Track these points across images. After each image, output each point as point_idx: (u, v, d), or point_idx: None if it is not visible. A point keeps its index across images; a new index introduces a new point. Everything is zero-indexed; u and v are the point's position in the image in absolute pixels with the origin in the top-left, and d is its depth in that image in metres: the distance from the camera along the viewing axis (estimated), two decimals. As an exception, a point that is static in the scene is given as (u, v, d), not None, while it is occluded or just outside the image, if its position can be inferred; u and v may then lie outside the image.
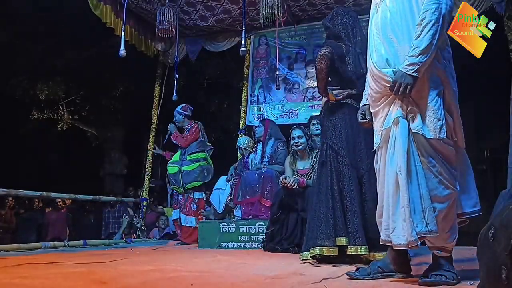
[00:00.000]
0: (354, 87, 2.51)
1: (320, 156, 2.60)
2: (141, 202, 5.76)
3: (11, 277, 1.76)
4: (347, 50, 2.54)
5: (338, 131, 2.49)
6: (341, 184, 2.40)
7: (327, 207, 2.36)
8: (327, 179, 2.43)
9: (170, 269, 2.11)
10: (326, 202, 2.38)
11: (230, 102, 8.70)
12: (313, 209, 2.48)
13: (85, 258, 2.62)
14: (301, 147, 3.50)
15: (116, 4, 4.83)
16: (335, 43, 2.54)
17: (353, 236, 2.27)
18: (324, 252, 2.30)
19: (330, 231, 2.31)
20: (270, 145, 4.45)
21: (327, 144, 2.51)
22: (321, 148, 2.60)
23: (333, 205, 2.36)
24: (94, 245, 4.42)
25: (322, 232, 2.33)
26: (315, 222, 2.41)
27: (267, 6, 4.35)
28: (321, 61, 2.43)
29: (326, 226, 2.33)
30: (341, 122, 2.50)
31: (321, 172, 2.52)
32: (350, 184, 2.38)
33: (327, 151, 2.49)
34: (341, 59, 2.50)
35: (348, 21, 2.65)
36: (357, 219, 2.30)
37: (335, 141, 2.48)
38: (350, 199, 2.35)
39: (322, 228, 2.34)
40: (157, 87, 6.03)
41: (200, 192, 4.64)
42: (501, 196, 2.78)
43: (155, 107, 5.97)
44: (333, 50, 2.45)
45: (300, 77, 5.52)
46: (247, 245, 3.77)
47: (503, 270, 0.93)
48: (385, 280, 1.75)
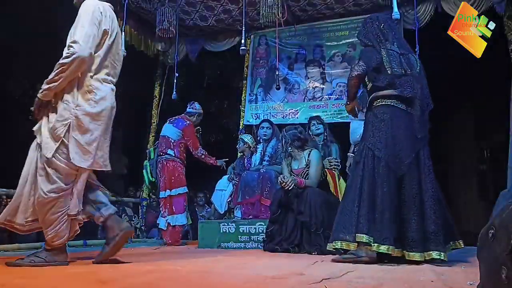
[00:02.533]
0: (395, 87, 2.52)
1: (356, 155, 2.68)
2: (141, 202, 5.76)
3: (11, 277, 1.76)
4: (386, 53, 2.56)
5: (376, 132, 2.50)
6: (374, 185, 2.40)
7: (353, 204, 2.40)
8: (357, 178, 2.47)
9: (170, 269, 2.11)
10: (353, 200, 2.42)
11: (230, 102, 8.70)
12: (342, 204, 2.54)
13: (85, 258, 2.62)
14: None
15: (116, 4, 4.83)
16: (370, 54, 2.59)
17: (380, 236, 2.28)
18: (344, 246, 2.37)
19: (351, 227, 2.36)
20: (271, 145, 4.46)
21: (365, 145, 2.53)
22: (359, 148, 2.63)
23: (359, 203, 2.38)
24: (94, 245, 4.42)
25: (345, 227, 2.40)
26: (341, 217, 2.47)
27: (267, 6, 4.35)
28: (352, 80, 2.60)
29: (349, 222, 2.38)
30: (380, 123, 2.51)
31: (354, 171, 2.57)
32: (384, 185, 2.37)
33: (364, 152, 2.52)
34: (378, 70, 2.55)
35: (378, 26, 2.68)
36: (386, 219, 2.30)
37: (372, 142, 2.49)
38: (381, 199, 2.35)
39: (345, 223, 2.41)
40: (157, 87, 6.03)
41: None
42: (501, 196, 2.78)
43: (155, 107, 5.98)
44: (365, 68, 2.55)
45: (300, 77, 5.52)
46: (247, 245, 3.78)
47: (503, 270, 0.93)
48: (387, 280, 1.74)
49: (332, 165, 4.10)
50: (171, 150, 4.60)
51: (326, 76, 5.40)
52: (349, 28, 5.38)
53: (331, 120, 5.06)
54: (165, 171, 4.57)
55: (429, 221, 2.32)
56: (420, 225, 2.32)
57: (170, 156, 4.58)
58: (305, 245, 3.26)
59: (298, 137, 3.63)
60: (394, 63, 2.54)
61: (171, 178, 4.54)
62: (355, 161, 2.63)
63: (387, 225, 2.29)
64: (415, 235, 2.29)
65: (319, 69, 5.45)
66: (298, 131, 3.67)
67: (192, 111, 4.81)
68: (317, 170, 3.54)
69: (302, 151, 3.63)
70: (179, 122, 4.69)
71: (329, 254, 2.96)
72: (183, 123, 4.67)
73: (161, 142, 4.74)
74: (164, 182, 4.54)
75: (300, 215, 3.30)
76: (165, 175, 4.55)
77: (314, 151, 3.64)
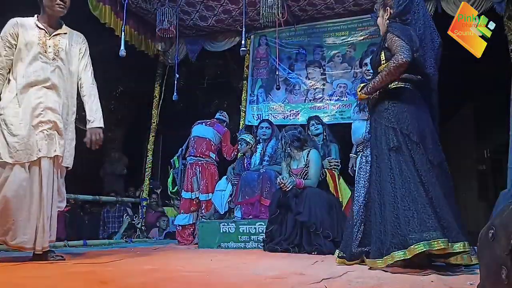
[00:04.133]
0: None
1: (388, 142, 2.14)
2: (141, 202, 5.76)
3: (11, 277, 1.76)
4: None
5: (403, 115, 2.14)
6: (422, 175, 2.03)
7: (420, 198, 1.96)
8: (409, 165, 2.04)
9: (170, 269, 2.11)
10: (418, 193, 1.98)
11: (230, 102, 8.68)
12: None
13: (85, 258, 2.62)
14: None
15: (116, 4, 4.83)
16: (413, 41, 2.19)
17: (449, 232, 1.90)
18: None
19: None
20: (271, 145, 4.46)
21: (393, 128, 2.14)
22: (386, 134, 2.16)
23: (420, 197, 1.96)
24: (94, 245, 4.42)
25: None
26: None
27: (267, 6, 4.35)
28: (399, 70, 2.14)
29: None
30: (406, 106, 2.16)
31: (397, 159, 2.08)
32: (431, 175, 2.03)
33: (398, 137, 2.11)
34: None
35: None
36: (447, 213, 1.95)
37: (402, 125, 2.11)
38: (434, 192, 1.99)
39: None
40: (157, 87, 6.03)
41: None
42: (501, 196, 2.78)
43: (155, 107, 5.97)
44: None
45: (301, 78, 5.52)
46: (247, 245, 3.77)
47: (503, 270, 0.93)
48: (386, 280, 1.74)
49: (332, 165, 4.10)
50: (213, 153, 4.83)
51: (327, 77, 5.41)
52: (349, 28, 5.38)
53: (332, 121, 5.06)
54: (206, 174, 4.74)
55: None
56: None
57: (211, 160, 4.81)
58: (305, 245, 3.26)
59: (298, 137, 3.63)
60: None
61: (213, 182, 4.72)
62: (390, 147, 2.14)
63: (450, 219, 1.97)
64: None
65: (320, 69, 5.45)
66: (297, 131, 3.68)
67: (223, 119, 5.11)
68: (317, 170, 3.54)
69: (301, 151, 3.63)
70: (219, 127, 4.93)
71: (329, 254, 2.97)
72: (223, 129, 4.95)
73: (199, 144, 4.83)
74: (206, 186, 4.70)
75: (299, 215, 3.30)
76: (206, 178, 4.72)
77: (313, 151, 3.64)
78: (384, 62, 2.24)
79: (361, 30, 5.31)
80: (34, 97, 2.46)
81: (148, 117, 6.12)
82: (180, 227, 4.75)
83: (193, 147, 4.84)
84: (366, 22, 5.26)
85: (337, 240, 3.02)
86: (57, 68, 2.57)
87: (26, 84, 2.47)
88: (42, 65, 2.52)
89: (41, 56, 2.53)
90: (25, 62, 2.50)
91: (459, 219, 2.06)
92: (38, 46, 2.53)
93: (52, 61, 2.56)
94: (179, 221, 4.76)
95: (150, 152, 5.86)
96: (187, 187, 4.77)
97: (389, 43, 2.19)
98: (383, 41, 2.26)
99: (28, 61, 2.50)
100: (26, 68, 2.49)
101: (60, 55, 2.60)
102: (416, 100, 2.21)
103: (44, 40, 2.57)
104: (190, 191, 4.74)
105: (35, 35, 2.55)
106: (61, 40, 2.65)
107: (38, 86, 2.49)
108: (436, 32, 2.30)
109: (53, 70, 2.55)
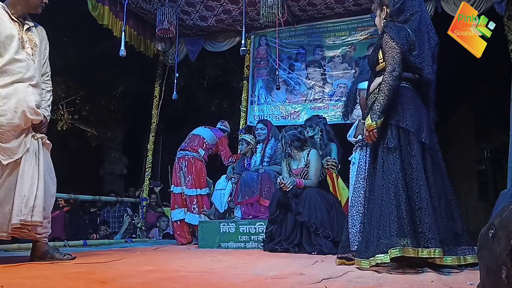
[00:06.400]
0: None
1: (386, 142, 2.14)
2: (141, 202, 5.76)
3: (11, 277, 1.76)
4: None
5: (403, 112, 2.13)
6: (413, 179, 2.04)
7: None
8: (399, 167, 2.06)
9: (170, 269, 2.11)
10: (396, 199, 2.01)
11: (230, 102, 8.70)
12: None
13: (85, 258, 2.62)
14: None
15: (115, 4, 4.84)
16: (409, 41, 2.19)
17: (424, 237, 1.95)
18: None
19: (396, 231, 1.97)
20: (270, 146, 4.46)
21: (392, 125, 2.14)
22: (385, 132, 2.16)
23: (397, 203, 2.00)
24: (94, 245, 4.42)
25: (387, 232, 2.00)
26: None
27: (267, 6, 4.35)
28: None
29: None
30: (404, 104, 2.15)
31: (390, 161, 2.09)
32: (419, 177, 2.03)
33: (397, 135, 2.11)
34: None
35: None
36: (429, 218, 1.96)
37: (398, 119, 2.12)
38: (419, 195, 2.01)
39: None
40: (157, 87, 6.03)
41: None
42: (501, 196, 2.78)
43: (155, 107, 5.97)
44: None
45: (301, 78, 5.52)
46: (247, 245, 3.77)
47: (503, 270, 0.93)
48: (386, 280, 1.75)
49: (329, 165, 4.08)
50: (202, 150, 4.81)
51: (327, 77, 5.41)
52: (349, 28, 5.38)
53: (333, 122, 5.04)
54: (192, 169, 4.72)
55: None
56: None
57: (198, 156, 4.78)
58: (305, 245, 3.25)
59: (298, 137, 3.63)
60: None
61: (200, 178, 4.73)
62: (387, 147, 2.15)
63: (431, 224, 2.00)
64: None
65: (320, 70, 5.45)
66: (297, 131, 3.68)
67: (224, 128, 5.13)
68: (316, 170, 3.54)
69: (301, 151, 3.64)
70: (217, 131, 5.00)
71: (329, 254, 2.97)
72: (221, 133, 4.99)
73: (192, 139, 4.88)
74: (193, 181, 4.70)
75: (299, 215, 3.30)
76: (193, 174, 4.71)
77: (313, 151, 3.64)
78: (381, 61, 2.23)
79: (361, 30, 5.31)
80: (21, 95, 2.32)
81: (148, 117, 6.13)
82: (179, 222, 4.68)
83: (186, 142, 4.90)
84: (366, 22, 5.26)
85: (337, 240, 3.02)
86: (37, 64, 2.46)
87: (10, 82, 2.31)
88: (26, 61, 2.37)
89: (21, 51, 2.37)
90: (6, 57, 2.32)
91: (457, 219, 2.09)
92: (18, 40, 2.36)
93: (32, 57, 2.42)
94: (176, 217, 4.70)
95: (150, 152, 5.85)
96: (175, 182, 4.79)
97: (384, 48, 2.19)
98: (380, 40, 2.26)
99: (9, 57, 2.32)
100: (10, 64, 2.32)
101: (35, 51, 2.46)
102: (415, 98, 2.23)
103: (21, 35, 2.41)
104: (180, 186, 4.76)
105: (13, 28, 2.37)
106: (32, 35, 2.49)
107: (24, 83, 2.35)
108: (433, 30, 2.30)
109: (35, 67, 2.42)
